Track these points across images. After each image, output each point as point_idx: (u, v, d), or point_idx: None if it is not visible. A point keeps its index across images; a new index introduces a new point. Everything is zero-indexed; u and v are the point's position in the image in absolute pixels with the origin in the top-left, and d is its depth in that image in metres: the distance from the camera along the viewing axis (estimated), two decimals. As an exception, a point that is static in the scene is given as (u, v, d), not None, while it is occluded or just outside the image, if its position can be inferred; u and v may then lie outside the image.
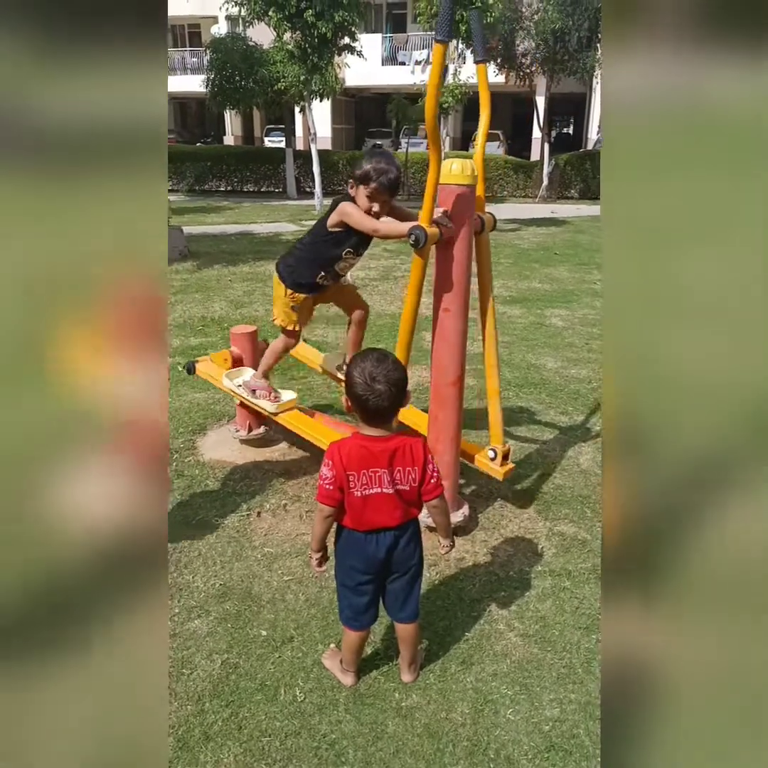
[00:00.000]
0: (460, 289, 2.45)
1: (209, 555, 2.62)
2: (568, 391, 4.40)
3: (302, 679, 2.04)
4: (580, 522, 2.90)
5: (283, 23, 12.69)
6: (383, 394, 1.76)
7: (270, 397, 3.16)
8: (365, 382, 1.76)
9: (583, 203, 18.38)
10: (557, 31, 15.46)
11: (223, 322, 5.90)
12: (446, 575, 2.53)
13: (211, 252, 9.61)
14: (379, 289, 7.49)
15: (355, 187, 2.53)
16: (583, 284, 7.81)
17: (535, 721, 1.91)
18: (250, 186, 21.28)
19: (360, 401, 1.78)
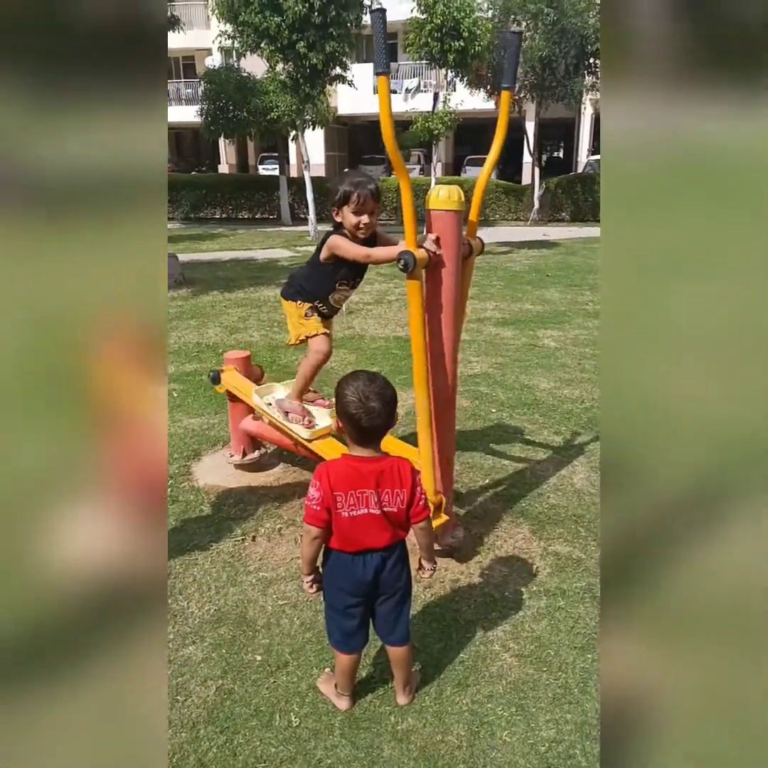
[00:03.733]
0: (449, 312, 2.49)
1: (204, 580, 2.62)
2: (561, 411, 4.43)
3: (297, 704, 2.03)
4: (574, 541, 2.90)
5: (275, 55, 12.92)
6: (377, 411, 1.78)
7: (304, 421, 2.96)
8: (359, 400, 1.78)
9: (575, 225, 18.59)
10: (545, 59, 15.78)
11: (218, 348, 5.94)
12: (441, 596, 2.53)
13: (206, 279, 9.69)
14: (373, 312, 7.55)
15: (339, 213, 2.58)
16: (575, 305, 7.88)
17: (532, 742, 1.90)
18: (244, 213, 21.48)
19: (353, 420, 1.80)
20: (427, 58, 13.20)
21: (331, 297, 2.81)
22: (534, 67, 16.10)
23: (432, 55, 12.87)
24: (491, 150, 2.59)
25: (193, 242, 14.62)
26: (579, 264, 11.39)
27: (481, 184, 2.60)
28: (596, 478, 3.47)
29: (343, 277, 2.74)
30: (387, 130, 2.19)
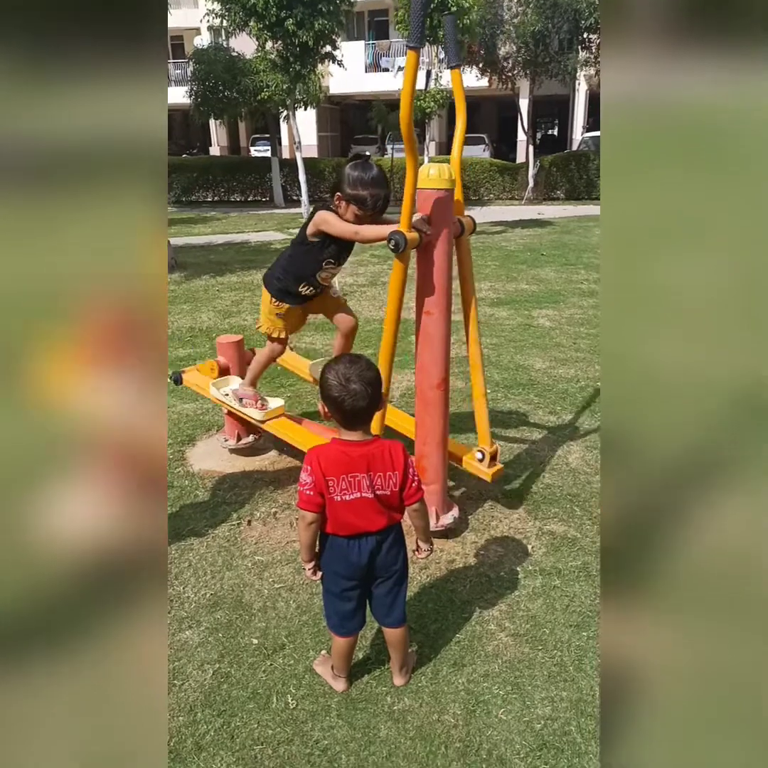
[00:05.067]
0: (441, 292, 2.47)
1: (200, 565, 2.62)
2: (556, 390, 4.42)
3: (294, 686, 2.04)
4: (569, 520, 2.91)
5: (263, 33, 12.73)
6: (359, 393, 1.77)
7: (257, 405, 3.17)
8: (340, 384, 1.77)
9: (569, 204, 18.48)
10: (537, 34, 15.57)
11: (211, 332, 5.90)
12: (437, 578, 2.54)
13: (198, 263, 9.61)
14: (367, 294, 7.51)
15: (343, 204, 2.50)
16: (570, 284, 7.85)
17: (527, 720, 1.92)
18: (236, 196, 21.29)
19: (336, 403, 1.78)
20: (419, 34, 13.00)
21: (318, 275, 2.78)
22: (527, 42, 15.90)
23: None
24: (456, 128, 2.62)
25: (185, 226, 14.49)
26: (574, 242, 11.33)
27: (455, 163, 2.57)
28: (591, 457, 3.47)
29: (330, 255, 2.70)
30: (406, 107, 2.12)
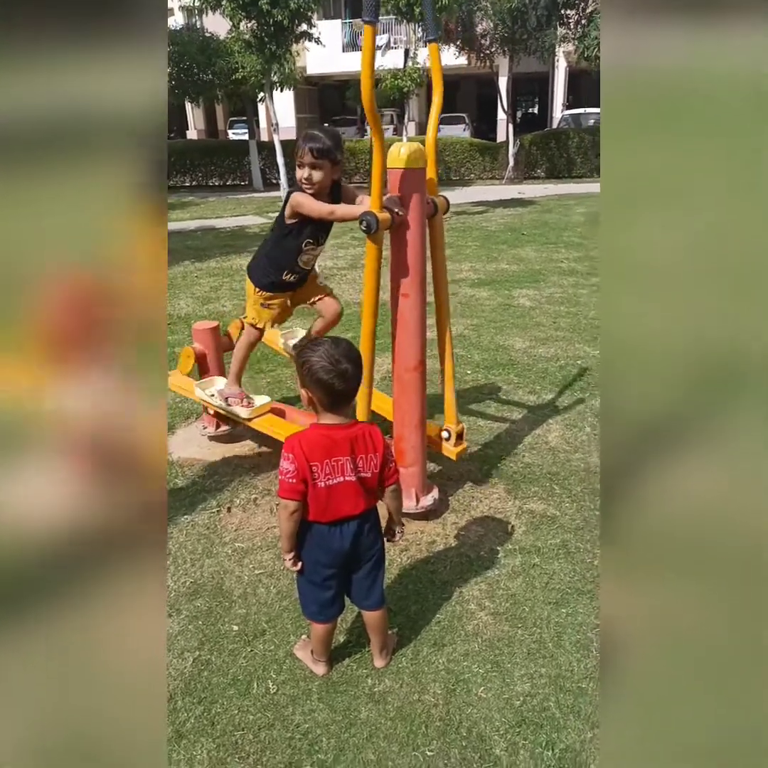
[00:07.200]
0: (415, 273, 2.45)
1: (179, 554, 2.60)
2: (536, 370, 4.43)
3: (275, 671, 2.04)
4: (549, 499, 2.92)
5: (237, 12, 12.50)
6: (348, 372, 1.75)
7: (243, 403, 3.16)
8: (330, 364, 1.73)
9: (550, 182, 18.43)
10: (514, 11, 15.41)
11: (189, 319, 5.84)
12: (418, 559, 2.55)
13: (176, 248, 9.48)
14: (348, 278, 7.46)
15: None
16: (550, 263, 7.84)
17: (506, 697, 1.93)
18: (215, 180, 21.02)
19: (326, 385, 1.75)
20: (395, 12, 12.83)
21: (300, 259, 2.77)
22: (504, 19, 15.73)
23: (399, 8, 12.52)
24: (432, 103, 2.59)
25: (162, 212, 14.28)
26: (554, 221, 11.31)
27: (431, 142, 2.55)
28: (570, 435, 3.49)
29: (309, 236, 2.71)
30: (366, 85, 2.09)
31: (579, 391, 4.04)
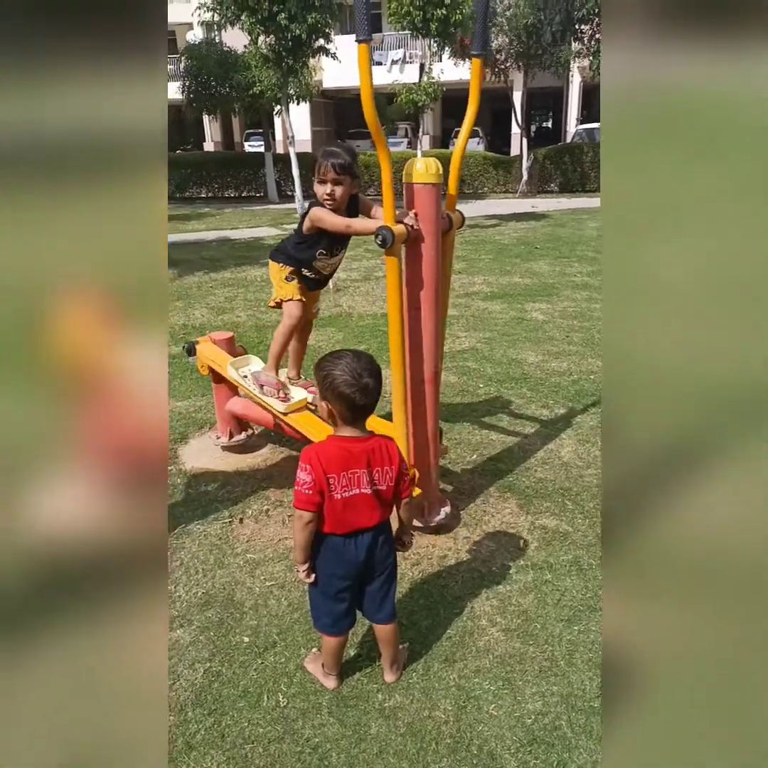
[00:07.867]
0: (430, 287, 2.45)
1: (191, 564, 2.61)
2: (548, 384, 4.42)
3: (285, 684, 2.03)
4: (561, 515, 2.91)
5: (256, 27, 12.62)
6: (370, 386, 1.76)
7: (279, 395, 2.98)
8: (353, 378, 1.74)
9: (563, 196, 18.44)
10: (530, 26, 15.51)
11: (204, 329, 5.87)
12: (429, 573, 2.54)
13: (191, 259, 9.57)
14: (361, 290, 7.49)
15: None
16: (563, 277, 7.84)
17: (518, 715, 1.92)
18: (231, 191, 21.22)
19: (348, 400, 1.75)
20: (410, 27, 12.94)
21: (315, 263, 2.83)
22: (519, 35, 15.83)
23: (414, 24, 12.62)
24: (465, 121, 2.58)
25: (179, 222, 14.43)
26: (567, 235, 11.31)
27: (457, 157, 2.57)
28: (583, 450, 3.47)
29: (323, 248, 2.77)
30: (367, 101, 2.12)
31: (592, 406, 4.03)
